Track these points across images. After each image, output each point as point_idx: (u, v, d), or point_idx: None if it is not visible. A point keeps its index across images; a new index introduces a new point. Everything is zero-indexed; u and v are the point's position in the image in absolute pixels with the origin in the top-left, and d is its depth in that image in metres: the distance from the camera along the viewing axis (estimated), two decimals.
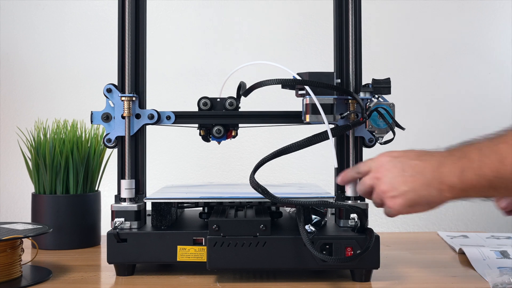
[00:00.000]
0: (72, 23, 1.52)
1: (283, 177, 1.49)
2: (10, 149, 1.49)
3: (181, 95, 1.51)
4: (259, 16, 1.53)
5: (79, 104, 1.50)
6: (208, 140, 0.98)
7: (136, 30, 0.96)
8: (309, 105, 0.88)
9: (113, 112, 0.95)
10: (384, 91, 0.92)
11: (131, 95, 0.94)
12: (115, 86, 0.95)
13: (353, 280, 0.87)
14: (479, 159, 0.74)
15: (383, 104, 0.92)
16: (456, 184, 0.76)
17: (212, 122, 0.96)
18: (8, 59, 1.52)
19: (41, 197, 1.16)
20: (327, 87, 0.89)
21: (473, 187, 0.75)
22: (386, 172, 0.81)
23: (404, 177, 0.80)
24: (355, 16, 0.95)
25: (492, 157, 0.72)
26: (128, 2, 0.95)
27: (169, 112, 0.96)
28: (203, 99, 0.96)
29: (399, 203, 0.80)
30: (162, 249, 0.88)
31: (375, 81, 0.93)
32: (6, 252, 0.86)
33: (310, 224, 0.86)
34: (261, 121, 0.96)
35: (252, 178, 0.85)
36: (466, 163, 0.75)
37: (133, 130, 0.95)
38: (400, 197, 0.79)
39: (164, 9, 1.52)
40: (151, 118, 0.95)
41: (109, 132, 0.94)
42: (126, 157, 0.95)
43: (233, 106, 0.96)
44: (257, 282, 0.87)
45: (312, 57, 1.52)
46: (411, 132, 1.51)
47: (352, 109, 0.93)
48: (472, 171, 0.74)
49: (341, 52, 0.96)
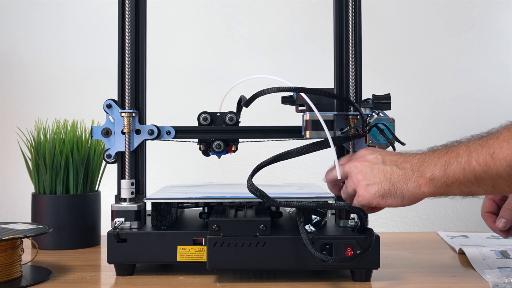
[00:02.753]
0: (72, 23, 1.52)
1: (283, 177, 1.49)
2: (10, 149, 1.49)
3: (181, 95, 1.51)
4: (259, 17, 1.53)
5: (79, 104, 1.50)
6: (208, 155, 0.98)
7: (136, 32, 0.96)
8: (309, 121, 0.88)
9: (113, 127, 0.95)
10: (385, 107, 0.92)
11: (131, 111, 0.94)
12: (115, 102, 0.95)
13: (353, 280, 0.87)
14: (467, 153, 0.74)
15: (383, 120, 0.92)
16: (438, 177, 0.76)
17: (212, 137, 0.96)
18: (8, 59, 1.52)
19: (41, 197, 1.16)
20: (329, 96, 0.89)
21: (457, 181, 0.75)
22: (365, 162, 0.83)
23: (382, 168, 0.81)
24: (355, 27, 0.95)
25: (482, 151, 0.72)
26: (128, 2, 0.95)
27: (169, 127, 0.96)
28: (203, 114, 0.96)
29: (372, 192, 0.81)
30: (162, 249, 0.88)
31: (375, 97, 0.93)
32: (6, 252, 0.86)
33: (310, 224, 0.86)
34: (261, 136, 0.96)
35: (250, 182, 0.84)
36: (453, 157, 0.75)
37: (133, 145, 0.95)
38: (374, 186, 0.81)
39: (164, 9, 1.52)
40: (151, 134, 0.95)
41: (109, 148, 0.94)
42: (127, 158, 0.95)
43: (233, 121, 0.96)
44: (257, 282, 0.87)
45: (312, 58, 1.52)
46: (412, 132, 1.51)
47: (352, 124, 0.93)
48: (458, 164, 0.74)
49: (341, 68, 0.96)
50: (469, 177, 0.74)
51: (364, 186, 0.82)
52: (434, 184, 0.77)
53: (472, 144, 0.74)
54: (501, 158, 0.70)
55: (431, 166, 0.77)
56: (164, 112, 1.49)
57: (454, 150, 0.76)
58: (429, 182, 0.77)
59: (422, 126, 1.53)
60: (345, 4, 0.95)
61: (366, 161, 0.83)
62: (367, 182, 0.82)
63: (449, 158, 0.76)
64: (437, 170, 0.76)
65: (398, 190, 0.80)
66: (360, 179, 0.83)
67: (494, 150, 0.71)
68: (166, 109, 1.49)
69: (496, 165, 0.71)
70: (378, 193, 0.81)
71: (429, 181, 0.77)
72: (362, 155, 0.85)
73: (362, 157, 0.85)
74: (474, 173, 0.73)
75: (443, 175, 0.76)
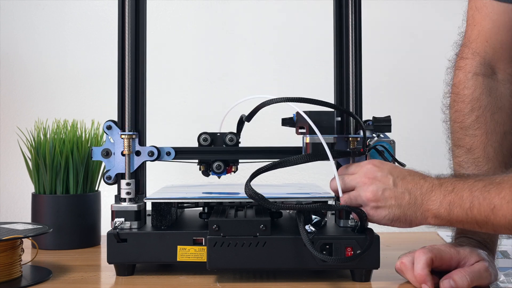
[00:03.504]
0: (72, 23, 1.52)
1: (283, 177, 1.49)
2: (10, 149, 1.49)
3: (181, 95, 1.51)
4: (259, 17, 1.53)
5: (79, 104, 1.50)
6: (208, 175, 0.98)
7: (136, 32, 0.96)
8: (309, 144, 0.88)
9: (113, 148, 0.95)
10: (385, 129, 0.93)
11: (131, 133, 0.94)
12: (115, 123, 0.95)
13: (353, 280, 0.88)
14: (470, 200, 0.74)
15: (383, 141, 0.92)
16: (443, 215, 0.77)
17: (212, 158, 0.96)
18: (8, 59, 1.52)
19: (41, 197, 1.16)
20: (329, 106, 0.89)
21: (460, 222, 0.76)
22: (375, 181, 0.82)
23: (394, 191, 0.81)
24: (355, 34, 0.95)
25: (484, 203, 0.73)
26: (128, 2, 0.95)
27: (169, 148, 0.96)
28: (203, 134, 0.96)
29: (382, 215, 0.82)
30: (162, 249, 0.88)
31: (376, 119, 0.93)
32: (6, 252, 0.86)
33: (310, 224, 0.86)
34: (261, 157, 0.96)
35: (249, 186, 0.84)
36: (457, 199, 0.76)
37: (133, 167, 0.95)
38: (384, 209, 0.81)
39: (164, 9, 1.52)
40: (151, 155, 0.95)
41: (110, 169, 0.94)
42: (126, 160, 0.95)
43: (233, 142, 0.96)
44: (257, 282, 0.87)
45: (312, 58, 1.52)
46: (412, 131, 1.51)
47: (352, 146, 0.93)
48: (461, 209, 0.75)
49: (341, 85, 0.96)
50: (471, 222, 0.75)
51: (373, 207, 0.82)
52: (439, 220, 0.79)
53: (476, 190, 0.74)
54: (501, 215, 0.71)
55: (437, 203, 0.78)
56: (164, 112, 1.49)
57: (459, 191, 0.76)
58: (434, 217, 0.79)
59: (422, 127, 1.53)
60: (345, 7, 0.96)
61: (376, 180, 0.82)
62: (378, 204, 0.82)
63: (453, 199, 0.76)
64: (442, 208, 0.77)
65: (407, 217, 0.81)
66: (370, 199, 0.82)
67: (495, 205, 0.72)
68: (166, 108, 1.49)
69: (497, 220, 0.72)
70: (388, 217, 0.82)
71: (435, 217, 0.78)
72: (370, 171, 0.83)
73: (371, 174, 0.83)
74: (476, 220, 0.74)
75: (447, 215, 0.77)
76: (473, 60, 0.96)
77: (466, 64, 0.96)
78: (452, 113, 0.97)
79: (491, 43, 0.95)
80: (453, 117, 0.96)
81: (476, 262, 0.82)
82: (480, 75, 0.95)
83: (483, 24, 0.95)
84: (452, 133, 0.97)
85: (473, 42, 0.96)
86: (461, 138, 0.94)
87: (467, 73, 0.95)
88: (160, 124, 1.45)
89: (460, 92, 0.96)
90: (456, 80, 0.97)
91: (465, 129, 0.94)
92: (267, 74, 1.52)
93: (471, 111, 0.94)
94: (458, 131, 0.95)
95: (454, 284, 0.79)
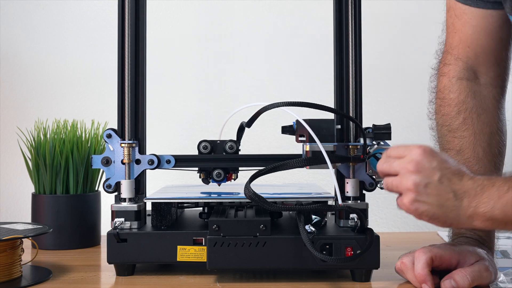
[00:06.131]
0: (72, 23, 1.52)
1: (283, 177, 1.49)
2: (10, 149, 1.49)
3: (181, 95, 1.51)
4: (259, 17, 1.53)
5: (79, 104, 1.50)
6: (208, 183, 0.98)
7: (136, 32, 0.96)
8: (309, 152, 0.88)
9: (113, 156, 0.95)
10: (385, 137, 0.92)
11: (131, 141, 0.94)
12: (115, 132, 0.95)
13: (353, 280, 0.88)
14: None
15: (383, 149, 0.91)
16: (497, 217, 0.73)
17: (212, 166, 0.96)
18: (8, 59, 1.52)
19: (41, 197, 1.16)
20: (331, 111, 0.89)
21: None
22: (420, 171, 0.75)
23: (438, 189, 0.75)
24: (355, 33, 0.95)
25: None
26: (128, 2, 0.95)
27: (169, 156, 0.96)
28: (203, 142, 0.96)
29: (419, 210, 0.75)
30: (162, 249, 0.88)
31: (376, 127, 0.93)
32: (6, 252, 0.86)
33: (310, 224, 0.86)
34: (261, 165, 0.95)
35: (248, 188, 0.84)
36: None
37: (133, 175, 0.95)
38: (424, 205, 0.75)
39: (164, 9, 1.52)
40: (151, 164, 0.95)
41: (110, 177, 0.94)
42: (126, 168, 0.95)
43: (233, 149, 0.96)
44: (257, 282, 0.87)
45: (312, 62, 1.52)
46: (412, 132, 1.51)
47: (352, 154, 0.93)
48: None
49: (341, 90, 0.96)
50: None
51: (411, 199, 0.75)
52: (491, 223, 0.74)
53: None
54: None
55: (489, 205, 0.73)
56: (164, 115, 1.49)
57: None
58: (485, 221, 0.74)
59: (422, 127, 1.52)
60: (345, 9, 0.96)
61: (422, 170, 0.75)
62: (417, 197, 0.75)
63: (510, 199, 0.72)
64: (496, 210, 0.72)
65: (448, 219, 0.75)
66: (410, 188, 0.75)
67: None
68: (166, 109, 1.48)
69: None
70: (425, 213, 0.75)
71: (486, 220, 0.73)
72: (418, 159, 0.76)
73: (418, 162, 0.75)
74: None
75: (503, 217, 0.72)
76: (456, 65, 0.97)
77: (450, 70, 0.98)
78: (439, 117, 0.98)
79: (472, 49, 0.96)
80: (441, 122, 0.97)
81: (476, 261, 0.82)
82: (464, 79, 0.96)
83: (463, 31, 0.96)
84: (440, 137, 0.97)
85: (455, 49, 0.98)
86: (450, 141, 0.95)
87: (451, 78, 0.97)
88: (160, 132, 1.45)
89: (445, 97, 0.97)
90: (441, 86, 0.98)
91: (453, 131, 0.94)
92: (268, 79, 1.52)
93: (458, 113, 0.94)
94: (447, 134, 0.95)
95: (455, 284, 0.79)
